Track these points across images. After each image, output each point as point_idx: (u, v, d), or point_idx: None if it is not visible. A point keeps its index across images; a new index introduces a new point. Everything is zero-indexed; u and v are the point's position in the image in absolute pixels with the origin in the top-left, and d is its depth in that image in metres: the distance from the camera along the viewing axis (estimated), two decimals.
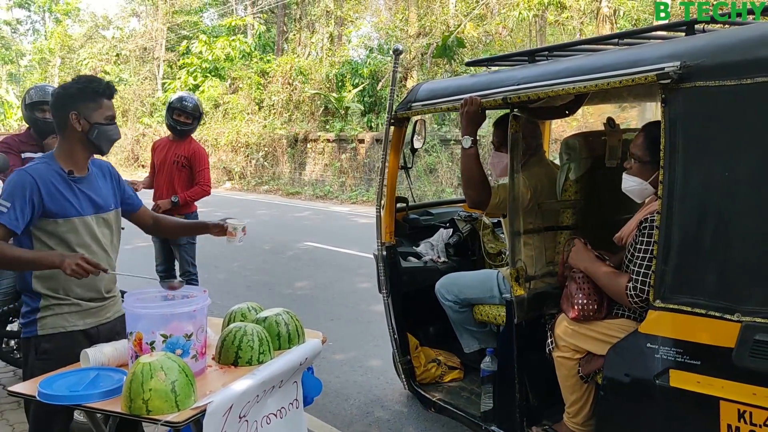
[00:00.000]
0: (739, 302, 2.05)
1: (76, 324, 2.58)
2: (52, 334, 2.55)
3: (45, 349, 2.55)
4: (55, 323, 2.56)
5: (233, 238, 2.89)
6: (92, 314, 2.63)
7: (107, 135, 2.58)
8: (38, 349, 2.56)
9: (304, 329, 2.77)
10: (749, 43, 2.06)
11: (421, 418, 3.96)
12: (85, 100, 2.52)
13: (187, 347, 2.31)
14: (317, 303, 6.70)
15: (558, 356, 2.79)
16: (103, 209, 2.67)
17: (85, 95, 2.52)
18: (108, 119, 2.57)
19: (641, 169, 2.55)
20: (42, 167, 2.52)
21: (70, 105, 2.52)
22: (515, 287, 2.80)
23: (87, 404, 2.13)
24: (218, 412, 2.14)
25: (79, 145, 2.56)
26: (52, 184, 2.50)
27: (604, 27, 14.59)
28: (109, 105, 2.60)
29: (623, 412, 2.43)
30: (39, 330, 2.55)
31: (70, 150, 2.57)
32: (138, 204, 2.91)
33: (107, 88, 2.59)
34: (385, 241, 3.55)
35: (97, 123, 2.53)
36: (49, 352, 2.54)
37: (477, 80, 3.06)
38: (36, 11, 40.89)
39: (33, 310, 2.56)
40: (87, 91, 2.53)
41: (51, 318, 2.55)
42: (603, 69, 2.42)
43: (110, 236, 2.72)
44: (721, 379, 2.10)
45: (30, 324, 2.57)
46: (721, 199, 2.11)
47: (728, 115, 2.09)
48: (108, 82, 2.62)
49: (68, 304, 2.56)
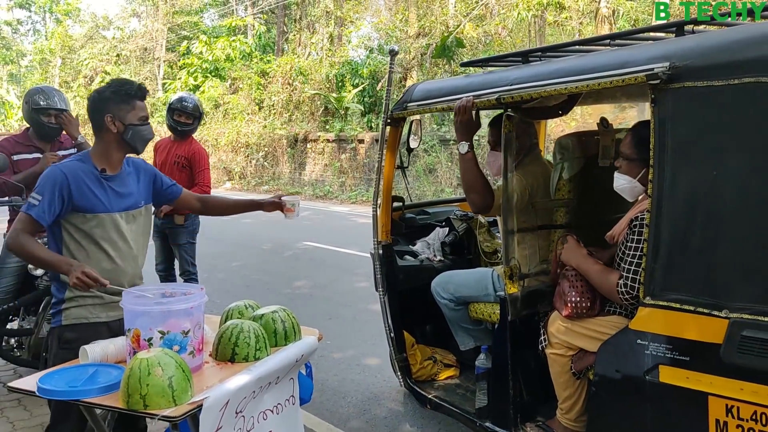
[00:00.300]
0: (727, 299, 2.08)
1: (99, 316, 2.70)
2: (76, 324, 2.67)
3: (68, 338, 2.66)
4: (79, 314, 2.68)
5: (292, 213, 3.01)
6: (115, 308, 2.68)
7: (141, 135, 2.71)
8: (61, 338, 2.68)
9: (300, 326, 2.81)
10: (736, 44, 2.10)
11: (418, 415, 3.99)
12: (119, 102, 2.65)
13: (184, 344, 2.35)
14: (316, 302, 6.74)
15: (551, 353, 2.82)
16: (132, 206, 2.79)
17: (119, 98, 2.65)
18: (141, 120, 2.70)
19: (630, 167, 2.60)
20: (75, 164, 2.66)
21: (105, 108, 2.66)
22: (509, 285, 2.83)
23: (85, 399, 2.17)
24: (215, 407, 2.18)
25: (114, 145, 2.70)
26: (83, 181, 2.63)
27: (603, 27, 14.62)
28: (142, 106, 2.72)
29: (614, 407, 2.46)
30: (63, 320, 2.68)
31: (105, 150, 2.71)
32: (178, 191, 3.03)
33: (139, 90, 2.71)
34: (382, 239, 3.58)
35: (131, 124, 2.67)
36: (71, 341, 2.64)
37: (471, 81, 3.09)
38: (37, 11, 40.94)
39: (59, 301, 2.70)
40: (120, 93, 2.66)
41: (75, 309, 2.68)
42: (594, 69, 2.46)
43: (138, 231, 2.84)
44: (710, 374, 2.13)
45: (56, 314, 2.71)
46: (709, 198, 2.14)
47: (716, 114, 2.12)
48: (140, 84, 2.75)
49: (92, 296, 2.67)
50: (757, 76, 1.98)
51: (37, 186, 2.62)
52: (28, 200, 2.60)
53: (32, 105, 4.20)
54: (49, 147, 4.31)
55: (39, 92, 4.29)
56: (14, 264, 4.16)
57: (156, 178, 2.94)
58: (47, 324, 4.02)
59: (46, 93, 4.28)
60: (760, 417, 2.04)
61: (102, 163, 2.70)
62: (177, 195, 3.02)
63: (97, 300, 2.68)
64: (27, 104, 4.25)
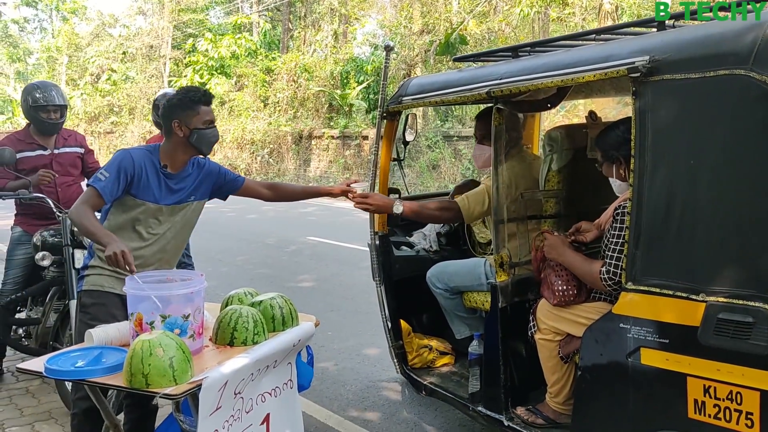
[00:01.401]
0: (704, 283, 2.16)
1: (114, 287, 2.90)
2: (92, 290, 2.90)
3: (85, 303, 2.91)
4: (96, 282, 2.92)
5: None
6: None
7: (206, 138, 2.91)
8: (81, 302, 2.93)
9: (297, 313, 2.91)
10: (712, 38, 2.17)
11: (415, 402, 4.10)
12: (185, 108, 2.86)
13: (184, 327, 2.45)
14: (318, 295, 6.85)
15: (539, 338, 2.91)
16: (182, 201, 3.02)
17: (184, 104, 2.86)
18: (206, 124, 2.89)
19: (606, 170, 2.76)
20: (144, 153, 2.92)
21: (173, 114, 2.88)
22: (499, 273, 2.92)
23: (90, 379, 2.28)
24: (213, 387, 2.27)
25: (180, 147, 2.92)
26: (144, 170, 2.88)
27: (606, 23, 14.62)
28: (207, 111, 2.90)
29: (599, 389, 2.55)
30: (84, 285, 2.92)
31: (172, 150, 2.94)
32: (240, 181, 3.26)
33: (204, 96, 2.90)
34: (378, 230, 3.68)
35: (196, 128, 2.87)
36: (86, 306, 2.90)
37: (463, 75, 3.18)
38: (43, 10, 41.15)
39: (85, 267, 2.99)
40: (185, 100, 2.86)
41: (94, 277, 2.93)
42: (579, 64, 2.54)
43: (181, 223, 3.07)
44: (688, 356, 2.21)
45: (80, 280, 2.97)
46: (686, 187, 2.22)
47: (693, 106, 2.20)
48: (205, 90, 2.94)
49: (110, 269, 2.84)
50: (731, 69, 2.06)
51: (106, 164, 2.87)
52: (96, 175, 2.82)
53: (30, 102, 4.24)
54: (52, 142, 4.36)
55: (36, 88, 4.32)
56: (21, 256, 4.27)
57: (219, 177, 3.15)
58: (54, 314, 4.14)
59: (43, 89, 4.32)
60: (735, 396, 2.12)
61: (165, 159, 2.93)
62: (239, 186, 3.25)
63: (116, 273, 2.85)
64: (25, 101, 4.29)
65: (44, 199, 4.11)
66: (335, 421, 3.89)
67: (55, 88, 4.39)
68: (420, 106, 3.54)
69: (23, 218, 4.36)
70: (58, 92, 4.36)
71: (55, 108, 4.29)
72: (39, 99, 4.24)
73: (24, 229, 4.32)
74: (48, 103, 4.25)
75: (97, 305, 2.88)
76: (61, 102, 4.33)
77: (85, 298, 2.93)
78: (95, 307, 2.88)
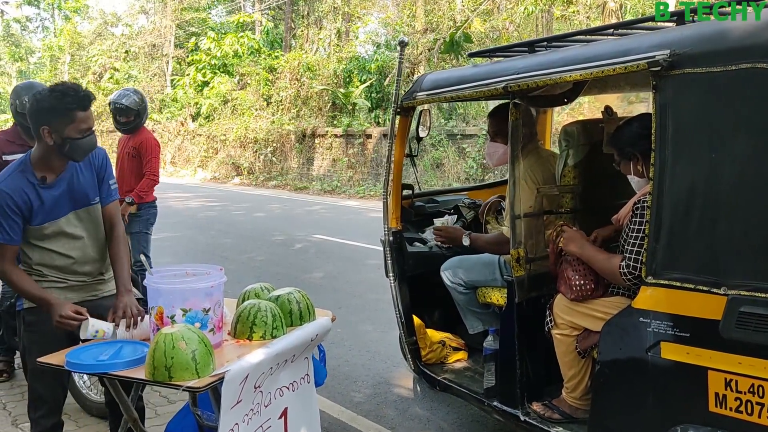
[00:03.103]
0: (726, 276, 2.16)
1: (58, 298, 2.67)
2: (34, 307, 2.68)
3: (30, 321, 2.74)
4: None
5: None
6: (75, 290, 2.77)
7: (80, 148, 2.57)
8: (25, 321, 2.75)
9: (314, 308, 2.92)
10: (734, 31, 2.17)
11: (427, 398, 4.10)
12: (57, 115, 2.49)
13: (205, 321, 2.46)
14: (326, 292, 6.85)
15: (556, 333, 2.91)
16: (82, 203, 2.73)
17: (57, 111, 2.49)
18: (82, 132, 2.53)
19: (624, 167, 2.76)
20: (15, 179, 2.58)
21: (42, 119, 2.51)
22: (516, 268, 2.92)
23: (112, 372, 2.29)
24: (235, 380, 2.29)
25: (53, 154, 2.59)
26: (25, 194, 2.57)
27: (610, 21, 14.63)
28: (84, 117, 2.53)
29: (618, 384, 2.55)
30: (24, 303, 2.74)
31: (45, 157, 2.61)
32: (105, 201, 2.82)
33: (81, 101, 2.51)
34: (392, 226, 3.68)
35: (69, 137, 2.51)
36: (32, 324, 2.73)
37: (478, 70, 3.18)
38: (45, 9, 41.18)
39: None
40: (59, 108, 2.49)
41: None
42: (598, 58, 2.54)
43: (95, 227, 2.80)
44: (709, 349, 2.21)
45: (19, 298, 2.78)
46: (708, 180, 2.22)
47: (714, 99, 2.20)
48: (85, 93, 2.55)
49: (49, 279, 2.71)
50: (753, 62, 2.06)
51: None
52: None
53: (18, 107, 4.00)
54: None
55: (27, 91, 4.03)
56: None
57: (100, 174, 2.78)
58: None
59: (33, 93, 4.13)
60: (757, 389, 2.12)
61: (42, 170, 2.60)
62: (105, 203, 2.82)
63: (55, 283, 2.72)
64: (13, 104, 4.09)
65: None
66: (348, 416, 3.90)
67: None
68: (434, 102, 3.54)
69: None
70: None
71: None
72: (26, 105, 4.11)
73: None
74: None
75: (44, 321, 2.61)
76: None
77: (29, 316, 2.70)
78: (42, 324, 2.64)
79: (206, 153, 25.20)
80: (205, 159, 25.18)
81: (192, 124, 26.64)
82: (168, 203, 12.14)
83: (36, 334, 2.71)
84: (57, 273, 2.74)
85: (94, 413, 3.79)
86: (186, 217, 12.34)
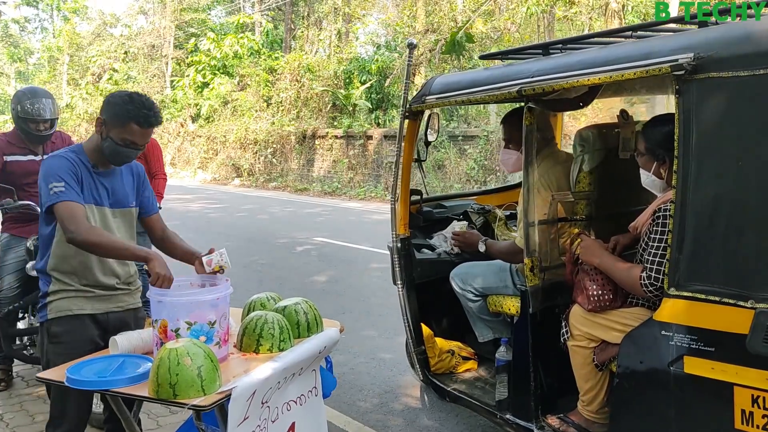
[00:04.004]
0: (753, 289, 2.07)
1: (83, 308, 2.65)
2: (60, 317, 2.63)
3: (55, 332, 2.64)
4: (62, 306, 2.63)
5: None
6: (102, 300, 2.69)
7: (115, 153, 2.63)
8: (50, 332, 2.65)
9: (322, 318, 2.83)
10: (762, 34, 2.09)
11: (435, 408, 4.01)
12: (116, 115, 2.58)
13: (210, 334, 2.37)
14: (329, 297, 6.76)
15: (573, 345, 2.82)
16: (121, 204, 2.77)
17: (117, 110, 2.59)
18: (124, 141, 2.59)
19: (645, 163, 2.64)
20: (72, 155, 2.64)
21: (104, 111, 2.63)
22: (530, 277, 2.84)
23: (114, 389, 2.19)
24: (242, 396, 2.19)
25: (99, 146, 2.66)
26: (82, 172, 2.64)
27: (612, 22, 14.56)
28: (135, 130, 2.58)
29: (638, 399, 2.46)
30: (49, 314, 2.64)
31: (97, 146, 2.67)
32: (150, 211, 2.93)
33: (141, 116, 2.57)
34: (400, 233, 3.59)
35: (111, 137, 2.60)
36: (58, 335, 2.63)
37: (491, 73, 3.09)
38: (44, 9, 41.14)
39: (44, 294, 2.67)
40: (120, 109, 2.58)
41: (58, 302, 2.63)
42: (618, 61, 2.45)
43: (127, 231, 2.81)
44: (735, 365, 2.12)
45: (42, 308, 2.67)
46: (734, 188, 2.14)
47: (742, 105, 2.12)
48: (150, 112, 2.60)
49: (75, 289, 2.64)
50: None
51: (48, 175, 2.54)
52: (52, 189, 2.50)
53: (20, 113, 4.02)
54: (41, 149, 4.16)
55: (28, 98, 4.05)
56: (13, 261, 4.10)
57: (142, 185, 2.87)
58: None
59: (34, 99, 4.05)
60: None
61: (94, 158, 2.68)
62: (146, 214, 2.92)
63: (82, 292, 2.65)
64: (14, 109, 4.06)
65: (31, 206, 3.95)
66: (355, 427, 3.81)
67: (46, 99, 4.11)
68: (444, 106, 3.45)
69: (10, 224, 4.18)
70: (49, 104, 4.09)
71: (45, 120, 4.07)
72: (29, 111, 4.01)
73: (13, 234, 4.14)
74: (38, 117, 4.03)
75: (70, 332, 2.61)
76: (53, 116, 4.10)
77: (55, 327, 2.63)
78: (68, 334, 2.61)
79: (206, 154, 25.13)
80: (205, 160, 25.10)
81: (192, 126, 26.56)
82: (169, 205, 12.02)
83: (62, 345, 2.60)
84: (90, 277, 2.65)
85: (94, 424, 3.69)
86: (187, 219, 12.21)
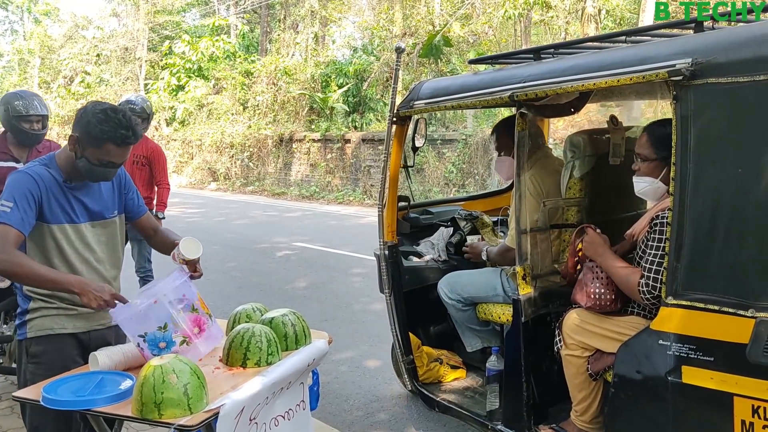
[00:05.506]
0: (753, 298, 2.05)
1: (64, 326, 2.53)
2: (41, 336, 2.51)
3: (34, 352, 2.52)
4: (43, 325, 2.51)
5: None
6: (83, 318, 2.57)
7: (91, 172, 2.47)
8: (29, 352, 2.52)
9: (310, 330, 2.75)
10: (762, 39, 2.06)
11: (422, 418, 3.94)
12: (91, 134, 2.40)
13: (168, 338, 2.31)
14: (310, 303, 6.66)
15: (566, 354, 2.78)
16: (99, 216, 2.63)
17: (91, 129, 2.40)
18: (101, 161, 2.44)
19: (650, 168, 2.55)
20: (43, 171, 2.47)
21: (77, 126, 2.45)
22: (522, 285, 2.79)
23: (95, 409, 2.09)
24: (231, 414, 2.11)
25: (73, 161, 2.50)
26: (50, 189, 2.47)
27: (588, 26, 14.67)
28: (111, 150, 2.42)
29: (635, 408, 2.42)
30: (28, 332, 2.52)
31: (70, 159, 2.50)
32: (137, 214, 2.82)
33: (118, 137, 2.40)
34: (387, 240, 3.52)
35: (86, 157, 2.43)
36: (38, 355, 2.51)
37: (481, 78, 3.04)
38: (14, 11, 40.31)
39: (23, 311, 2.54)
40: (95, 128, 2.39)
41: (39, 320, 2.51)
42: (612, 66, 2.41)
43: (110, 243, 2.69)
44: (735, 375, 2.10)
45: (21, 326, 2.55)
46: (733, 196, 2.11)
47: (741, 111, 2.09)
48: (128, 132, 2.43)
49: (56, 307, 2.52)
50: None
51: (5, 190, 2.39)
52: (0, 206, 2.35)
53: (12, 112, 4.02)
54: (25, 155, 4.10)
55: (18, 97, 4.09)
56: None
57: (124, 189, 2.74)
58: None
59: (24, 98, 4.10)
60: None
61: (66, 171, 2.51)
62: (135, 217, 2.81)
63: (62, 311, 2.53)
64: (6, 111, 4.04)
65: None
66: None
67: (36, 98, 4.18)
68: (433, 111, 3.39)
69: None
70: (39, 101, 4.15)
71: (38, 117, 4.08)
72: (21, 109, 4.02)
73: None
74: (30, 113, 4.03)
75: (50, 351, 2.48)
76: (44, 111, 4.12)
77: (35, 347, 2.50)
78: (48, 354, 2.48)
79: (182, 158, 24.82)
80: (180, 164, 24.79)
81: (166, 129, 26.21)
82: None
83: (42, 366, 2.47)
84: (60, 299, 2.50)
85: None
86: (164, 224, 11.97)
